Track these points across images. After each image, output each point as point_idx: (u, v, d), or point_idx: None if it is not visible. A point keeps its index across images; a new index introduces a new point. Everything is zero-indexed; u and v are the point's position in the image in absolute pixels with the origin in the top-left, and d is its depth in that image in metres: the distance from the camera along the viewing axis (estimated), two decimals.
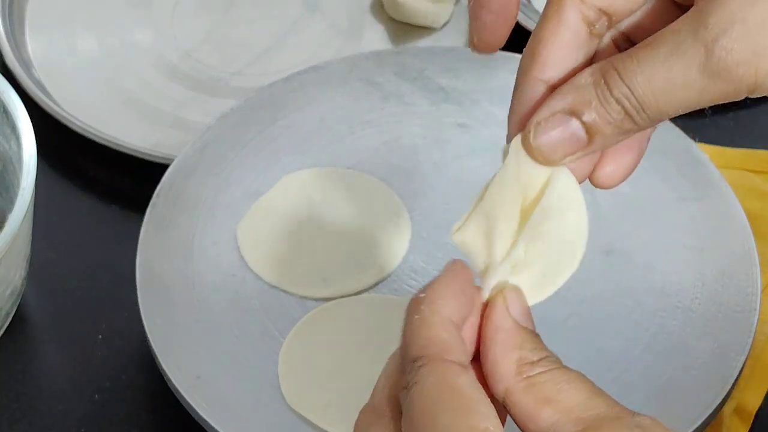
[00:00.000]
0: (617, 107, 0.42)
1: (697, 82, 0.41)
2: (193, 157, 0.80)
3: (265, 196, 0.78)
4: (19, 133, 0.71)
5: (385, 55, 0.86)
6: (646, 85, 0.42)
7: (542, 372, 0.42)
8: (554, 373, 0.42)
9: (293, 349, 0.71)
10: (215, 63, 0.93)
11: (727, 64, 0.40)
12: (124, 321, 0.77)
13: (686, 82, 0.41)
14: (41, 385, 0.75)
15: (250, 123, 0.82)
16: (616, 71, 0.42)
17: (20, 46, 0.93)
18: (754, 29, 0.40)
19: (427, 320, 0.42)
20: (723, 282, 0.72)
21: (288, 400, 0.69)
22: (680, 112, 0.42)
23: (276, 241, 0.75)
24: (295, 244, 0.75)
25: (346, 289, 0.73)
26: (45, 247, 0.80)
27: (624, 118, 0.42)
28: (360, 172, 0.79)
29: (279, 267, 0.74)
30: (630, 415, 0.40)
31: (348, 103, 0.83)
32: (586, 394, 0.41)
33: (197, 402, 0.68)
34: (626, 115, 0.42)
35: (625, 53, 0.42)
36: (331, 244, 0.75)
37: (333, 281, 0.73)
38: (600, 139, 0.43)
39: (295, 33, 0.95)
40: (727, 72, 0.40)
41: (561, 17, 0.44)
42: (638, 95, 0.42)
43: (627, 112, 0.42)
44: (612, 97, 0.42)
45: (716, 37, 0.40)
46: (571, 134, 0.43)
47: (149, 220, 0.76)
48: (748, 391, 0.72)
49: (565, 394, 0.41)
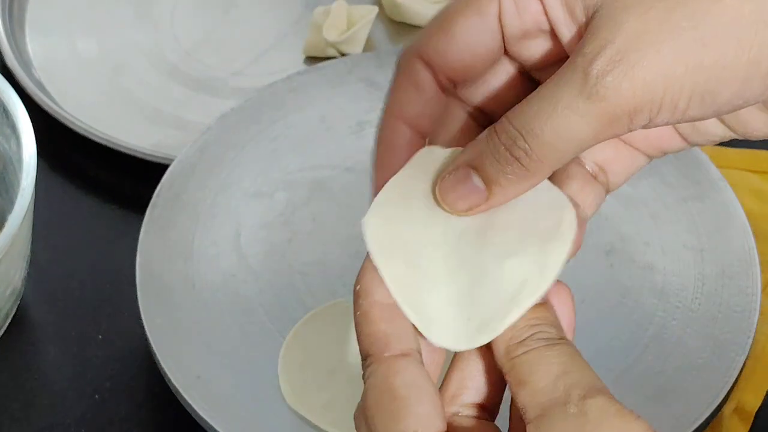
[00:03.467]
0: (505, 154, 0.42)
1: (579, 108, 0.41)
2: (193, 157, 0.80)
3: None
4: (19, 133, 0.71)
5: (385, 55, 0.86)
6: (532, 120, 0.42)
7: (524, 353, 0.42)
8: (533, 354, 0.42)
9: (293, 349, 0.71)
10: (215, 63, 0.93)
11: (603, 82, 0.41)
12: (124, 321, 0.77)
13: (569, 107, 0.41)
14: (42, 386, 0.75)
15: (250, 123, 0.82)
16: (506, 118, 0.43)
17: (20, 46, 0.93)
18: (624, 49, 0.41)
19: (366, 315, 0.43)
20: (723, 282, 0.72)
21: (288, 400, 0.69)
22: (571, 150, 0.42)
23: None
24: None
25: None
26: (45, 247, 0.80)
27: (514, 163, 0.42)
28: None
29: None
30: (580, 398, 0.40)
31: (348, 103, 0.83)
32: (554, 375, 0.41)
33: (197, 402, 0.68)
34: (515, 159, 0.42)
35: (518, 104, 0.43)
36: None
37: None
38: (498, 191, 0.43)
39: (295, 33, 0.95)
40: (604, 89, 0.41)
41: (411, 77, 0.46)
42: (525, 132, 0.42)
43: (515, 156, 0.42)
44: (500, 143, 0.42)
45: (591, 60, 0.41)
46: (472, 187, 0.43)
47: (149, 220, 0.76)
48: (748, 391, 0.72)
49: (537, 376, 0.41)
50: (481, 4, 0.45)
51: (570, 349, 0.42)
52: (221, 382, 0.69)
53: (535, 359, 0.41)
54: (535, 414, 0.40)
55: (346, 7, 0.92)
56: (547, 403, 0.40)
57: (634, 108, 0.41)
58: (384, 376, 0.42)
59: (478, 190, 0.43)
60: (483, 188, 0.43)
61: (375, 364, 0.42)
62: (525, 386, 0.41)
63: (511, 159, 0.42)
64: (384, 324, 0.43)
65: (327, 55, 0.91)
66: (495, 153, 0.43)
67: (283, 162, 0.80)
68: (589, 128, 0.41)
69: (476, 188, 0.43)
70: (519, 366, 0.42)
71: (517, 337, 0.42)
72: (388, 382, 0.42)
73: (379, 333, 0.42)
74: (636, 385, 0.68)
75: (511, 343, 0.42)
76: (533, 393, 0.41)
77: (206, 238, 0.76)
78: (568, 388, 0.40)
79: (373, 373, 0.42)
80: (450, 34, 0.45)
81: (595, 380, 0.41)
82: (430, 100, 0.46)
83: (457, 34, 0.45)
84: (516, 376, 0.41)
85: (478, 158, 0.43)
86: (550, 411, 0.40)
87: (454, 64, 0.45)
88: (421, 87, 0.46)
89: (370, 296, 0.43)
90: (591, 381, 0.41)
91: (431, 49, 0.45)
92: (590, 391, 0.40)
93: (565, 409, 0.40)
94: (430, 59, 0.46)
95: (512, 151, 0.42)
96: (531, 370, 0.41)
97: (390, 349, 0.42)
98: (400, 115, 0.47)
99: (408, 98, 0.47)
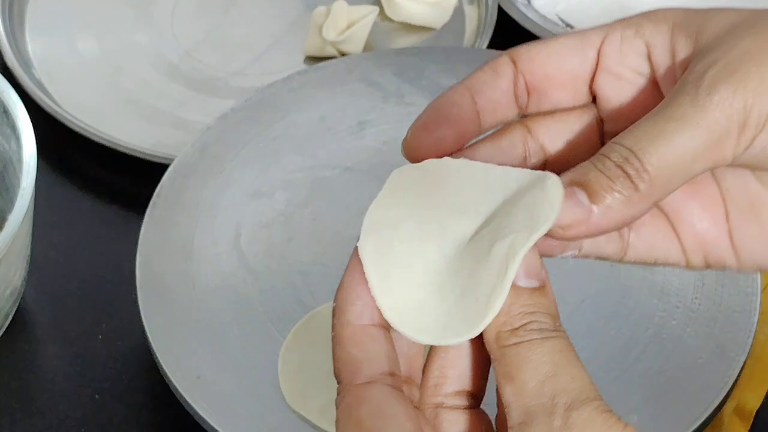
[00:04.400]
0: (616, 170, 0.41)
1: (691, 118, 0.41)
2: (193, 157, 0.80)
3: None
4: (19, 133, 0.71)
5: (385, 55, 0.86)
6: (643, 138, 0.41)
7: (515, 344, 0.40)
8: (523, 347, 0.40)
9: (293, 349, 0.71)
10: (215, 63, 0.93)
11: (716, 90, 0.41)
12: (124, 321, 0.77)
13: (681, 119, 0.41)
14: (42, 385, 0.75)
15: (249, 123, 0.82)
16: (614, 142, 0.42)
17: (20, 45, 0.93)
18: (738, 62, 0.41)
19: (339, 337, 0.42)
20: (723, 282, 0.72)
21: (288, 400, 0.69)
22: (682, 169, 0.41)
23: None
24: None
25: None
26: (45, 247, 0.80)
27: (625, 181, 0.41)
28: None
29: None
30: (565, 408, 0.39)
31: (348, 103, 0.83)
32: (542, 376, 0.40)
33: (197, 402, 0.68)
34: (626, 176, 0.41)
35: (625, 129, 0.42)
36: None
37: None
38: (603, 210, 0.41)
39: (295, 33, 0.95)
40: (718, 97, 0.41)
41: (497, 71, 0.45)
42: (636, 149, 0.41)
43: (626, 172, 0.41)
44: (611, 161, 0.41)
45: (703, 73, 0.41)
46: (576, 202, 0.41)
47: (149, 220, 0.76)
48: (748, 391, 0.72)
49: (526, 373, 0.40)
50: (588, 33, 0.45)
51: (563, 344, 0.40)
52: (221, 382, 0.69)
53: (525, 353, 0.40)
54: (518, 419, 0.39)
55: (346, 7, 0.92)
56: (532, 408, 0.39)
57: (744, 120, 0.41)
58: (349, 405, 0.41)
59: (582, 206, 0.41)
60: (588, 205, 0.41)
61: (344, 392, 0.41)
62: (512, 382, 0.40)
63: (622, 176, 0.41)
64: (354, 348, 0.42)
65: (327, 54, 0.91)
66: (604, 169, 0.41)
67: (283, 162, 0.80)
68: (701, 141, 0.41)
69: (581, 203, 0.41)
70: (508, 357, 0.40)
71: (510, 324, 0.41)
72: (354, 412, 0.41)
73: (348, 358, 0.42)
74: (636, 385, 0.68)
75: (504, 329, 0.41)
76: (519, 393, 0.40)
77: (206, 237, 0.76)
78: (554, 394, 0.39)
79: (341, 402, 0.41)
80: (545, 44, 0.45)
81: (584, 384, 0.40)
82: (501, 90, 0.45)
83: (551, 45, 0.45)
84: (504, 368, 0.40)
85: (585, 176, 0.41)
86: (533, 419, 0.39)
87: (538, 69, 0.45)
88: (499, 74, 0.45)
89: (342, 316, 0.42)
90: (580, 386, 0.39)
91: (523, 50, 0.45)
92: (576, 401, 0.39)
93: (549, 421, 0.39)
94: (517, 58, 0.45)
95: (623, 167, 0.41)
96: (520, 365, 0.40)
97: (358, 376, 0.41)
98: (470, 86, 0.45)
99: (484, 77, 0.45)
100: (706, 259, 0.46)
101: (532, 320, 0.41)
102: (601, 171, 0.41)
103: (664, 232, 0.46)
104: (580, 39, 0.45)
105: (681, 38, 0.43)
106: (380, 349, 0.42)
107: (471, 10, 0.96)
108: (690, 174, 0.42)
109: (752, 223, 0.45)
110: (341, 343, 0.42)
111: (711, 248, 0.46)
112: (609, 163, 0.41)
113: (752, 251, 0.46)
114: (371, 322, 0.42)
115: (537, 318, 0.41)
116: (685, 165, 0.41)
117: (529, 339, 0.40)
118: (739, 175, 0.45)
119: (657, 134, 0.41)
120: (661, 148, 0.41)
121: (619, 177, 0.41)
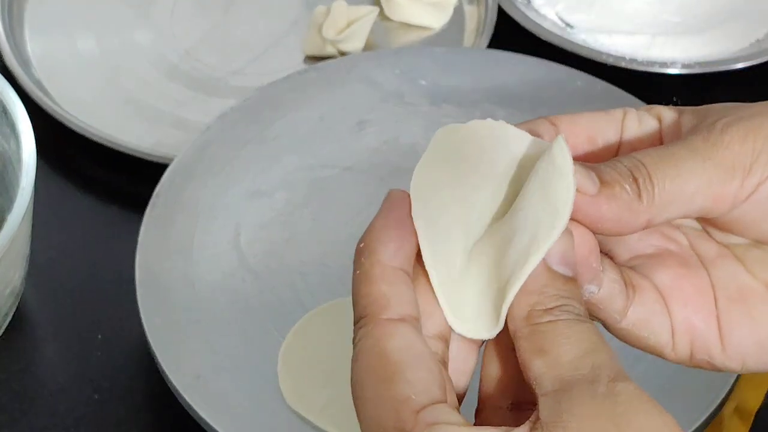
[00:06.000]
0: (626, 171, 0.42)
1: (702, 153, 0.42)
2: (192, 157, 0.80)
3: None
4: (18, 133, 0.71)
5: (385, 55, 0.86)
6: (655, 157, 0.43)
7: (550, 321, 0.40)
8: (560, 324, 0.40)
9: (293, 349, 0.71)
10: (215, 62, 0.93)
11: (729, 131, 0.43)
12: (124, 321, 0.77)
13: (694, 151, 0.42)
14: (41, 385, 0.75)
15: (249, 122, 0.82)
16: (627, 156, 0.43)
17: (19, 45, 0.93)
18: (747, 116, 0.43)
19: (367, 274, 0.41)
20: None
21: (287, 400, 0.69)
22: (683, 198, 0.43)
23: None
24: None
25: None
26: (44, 246, 0.80)
27: (632, 184, 0.42)
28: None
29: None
30: (609, 380, 0.38)
31: (348, 102, 0.83)
32: (581, 351, 0.39)
33: (197, 402, 0.68)
34: (633, 180, 0.42)
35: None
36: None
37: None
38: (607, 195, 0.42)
39: (295, 33, 0.95)
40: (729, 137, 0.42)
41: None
42: (647, 163, 0.42)
43: (635, 177, 0.42)
44: (623, 163, 0.43)
45: (716, 121, 0.43)
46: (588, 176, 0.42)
47: (149, 220, 0.76)
48: (748, 391, 0.72)
49: (561, 348, 0.39)
50: (611, 110, 0.46)
51: (597, 330, 0.40)
52: (221, 382, 0.69)
53: (562, 330, 0.39)
54: (553, 387, 0.38)
55: (346, 7, 0.92)
56: (570, 379, 0.38)
57: (751, 164, 0.42)
58: (377, 338, 0.40)
59: (592, 181, 0.42)
60: (597, 184, 0.42)
61: (369, 326, 0.40)
62: (545, 356, 0.39)
63: (631, 178, 0.42)
64: (385, 285, 0.41)
65: (326, 54, 0.91)
66: (615, 167, 0.43)
67: (283, 161, 0.80)
68: (707, 174, 0.42)
69: (591, 179, 0.42)
70: (541, 333, 0.39)
71: (543, 303, 0.40)
72: (381, 344, 0.39)
73: (379, 293, 0.40)
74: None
75: (536, 308, 0.40)
76: (554, 365, 0.39)
77: (206, 237, 0.76)
78: (596, 367, 0.38)
79: (366, 335, 0.40)
80: (580, 114, 0.46)
81: (621, 367, 0.39)
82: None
83: (586, 116, 0.46)
84: (535, 342, 0.39)
85: (596, 167, 0.43)
86: (573, 386, 0.38)
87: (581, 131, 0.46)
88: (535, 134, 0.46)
89: (373, 255, 0.41)
90: (619, 366, 0.39)
91: (560, 115, 0.46)
92: (619, 375, 0.39)
93: (592, 388, 0.38)
94: (558, 121, 0.46)
95: (633, 172, 0.42)
96: (555, 340, 0.39)
97: (388, 311, 0.40)
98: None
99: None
100: (692, 345, 0.46)
101: (566, 304, 0.40)
102: (612, 168, 0.42)
103: (660, 310, 0.46)
104: (605, 113, 0.46)
105: (687, 115, 0.45)
106: (409, 293, 0.41)
107: (471, 10, 0.96)
108: (688, 206, 0.43)
109: (742, 313, 0.46)
110: (371, 279, 0.41)
111: (698, 334, 0.46)
112: (620, 165, 0.43)
113: (738, 336, 0.46)
114: (401, 266, 0.41)
115: (571, 303, 0.41)
116: (687, 194, 0.42)
117: (565, 318, 0.40)
118: (729, 264, 0.46)
119: (668, 157, 0.42)
120: (669, 169, 0.42)
121: (628, 178, 0.42)
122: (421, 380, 0.39)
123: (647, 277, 0.45)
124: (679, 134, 0.45)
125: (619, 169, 0.42)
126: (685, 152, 0.43)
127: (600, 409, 0.38)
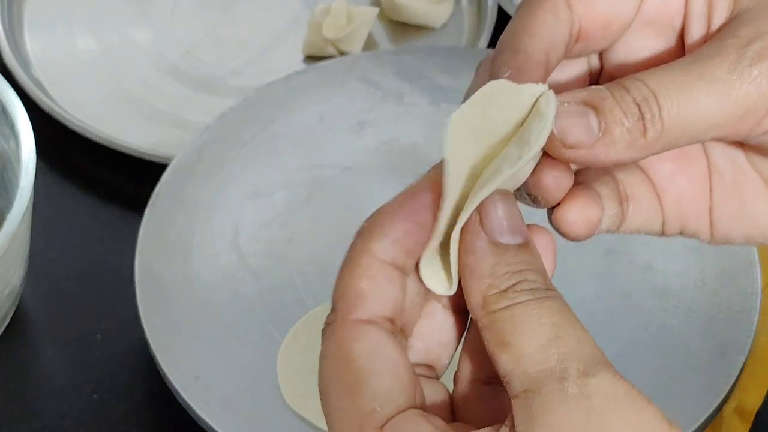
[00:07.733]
0: (633, 107, 0.39)
1: (724, 84, 0.39)
2: (192, 157, 0.80)
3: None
4: (17, 133, 0.71)
5: (384, 55, 0.86)
6: (670, 85, 0.39)
7: (506, 307, 0.36)
8: (517, 310, 0.36)
9: (292, 349, 0.71)
10: (215, 62, 0.93)
11: (759, 65, 0.39)
12: (124, 321, 0.76)
13: (714, 81, 0.39)
14: (41, 385, 0.75)
15: (249, 122, 0.82)
16: (638, 76, 0.40)
17: (19, 44, 0.93)
18: None
19: (351, 263, 0.38)
20: (723, 282, 0.72)
21: (287, 400, 0.69)
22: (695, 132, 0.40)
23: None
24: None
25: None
26: (44, 247, 0.80)
27: (638, 121, 0.39)
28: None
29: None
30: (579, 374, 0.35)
31: (348, 103, 0.83)
32: (544, 339, 0.36)
33: (196, 402, 0.68)
34: (640, 116, 0.39)
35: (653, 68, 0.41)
36: None
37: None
38: (606, 142, 0.39)
39: (295, 32, 0.95)
40: (758, 72, 0.39)
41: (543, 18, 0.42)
42: (660, 94, 0.39)
43: (642, 113, 0.39)
44: (630, 96, 0.39)
45: (747, 43, 0.39)
46: (586, 123, 0.39)
47: (149, 220, 0.76)
48: (748, 391, 0.72)
49: (522, 338, 0.36)
50: None
51: (560, 304, 0.37)
52: (220, 382, 0.69)
53: (520, 316, 0.36)
54: (522, 387, 0.36)
55: (346, 6, 0.92)
56: (538, 375, 0.35)
57: None
58: (342, 340, 0.37)
59: (590, 131, 0.39)
60: (596, 132, 0.39)
61: (335, 324, 0.37)
62: (507, 349, 0.36)
63: (637, 114, 0.39)
64: (365, 280, 0.38)
65: (326, 54, 0.91)
66: (621, 102, 0.39)
67: (283, 161, 0.80)
68: (725, 111, 0.39)
69: (590, 128, 0.39)
70: (500, 322, 0.36)
71: (496, 286, 0.37)
72: (345, 348, 0.37)
73: (354, 289, 0.38)
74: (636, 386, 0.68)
75: (490, 292, 0.37)
76: (519, 359, 0.36)
77: (205, 237, 0.76)
78: (562, 358, 0.35)
79: (331, 335, 0.37)
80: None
81: (592, 348, 0.36)
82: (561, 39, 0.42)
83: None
84: (496, 334, 0.36)
85: (600, 102, 0.39)
86: (542, 386, 0.35)
87: (599, 15, 0.42)
88: (560, 20, 0.42)
89: (366, 242, 0.38)
90: (589, 350, 0.36)
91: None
92: (589, 367, 0.36)
93: (562, 387, 0.35)
94: (573, 2, 0.42)
95: (641, 107, 0.39)
96: (515, 329, 0.36)
97: (358, 311, 0.37)
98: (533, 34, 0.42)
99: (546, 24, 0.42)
100: (682, 229, 0.44)
101: (522, 279, 0.37)
102: (618, 102, 0.39)
103: (654, 204, 0.44)
104: None
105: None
106: (391, 293, 0.38)
107: (470, 9, 0.96)
108: (698, 139, 0.40)
109: (733, 199, 0.44)
110: (352, 270, 0.38)
111: (689, 220, 0.44)
112: (628, 98, 0.39)
113: (727, 227, 0.44)
114: (392, 261, 0.38)
115: (527, 276, 0.37)
116: (699, 129, 0.40)
117: (522, 300, 0.36)
118: (730, 150, 0.44)
119: (684, 88, 0.39)
120: (683, 104, 0.39)
121: (634, 115, 0.39)
122: (387, 390, 0.37)
123: (645, 170, 0.43)
124: (709, 17, 0.41)
125: (626, 104, 0.39)
126: (705, 85, 0.39)
127: (573, 416, 0.35)
